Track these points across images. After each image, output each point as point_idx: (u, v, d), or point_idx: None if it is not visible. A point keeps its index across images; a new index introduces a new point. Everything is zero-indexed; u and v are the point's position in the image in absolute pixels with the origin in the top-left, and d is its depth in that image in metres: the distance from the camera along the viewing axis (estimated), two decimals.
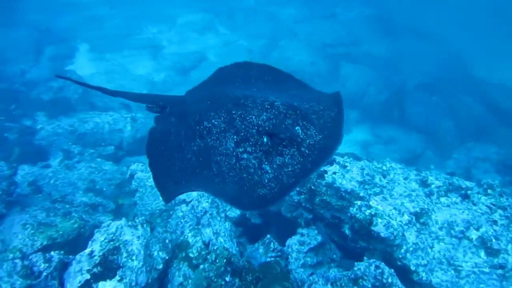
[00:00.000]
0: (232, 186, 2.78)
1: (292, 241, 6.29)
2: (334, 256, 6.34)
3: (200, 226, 6.03)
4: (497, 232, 5.39)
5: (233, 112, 3.14)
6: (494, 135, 12.61)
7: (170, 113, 3.59)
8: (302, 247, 6.19)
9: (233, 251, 5.71)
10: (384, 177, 6.22)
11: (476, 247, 5.33)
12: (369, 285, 4.83)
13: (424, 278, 5.21)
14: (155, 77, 16.77)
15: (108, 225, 5.79)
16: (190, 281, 5.56)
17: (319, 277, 5.17)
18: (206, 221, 6.07)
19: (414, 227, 5.40)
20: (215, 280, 5.33)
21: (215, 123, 3.14)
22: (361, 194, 6.07)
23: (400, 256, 5.25)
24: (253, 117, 3.05)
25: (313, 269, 6.08)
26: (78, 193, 8.80)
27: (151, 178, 8.05)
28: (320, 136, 2.96)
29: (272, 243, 6.45)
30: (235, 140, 2.98)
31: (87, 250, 5.55)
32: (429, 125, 13.16)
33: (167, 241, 5.93)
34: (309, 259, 6.16)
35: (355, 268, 4.95)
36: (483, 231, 5.37)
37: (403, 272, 5.22)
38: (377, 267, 4.82)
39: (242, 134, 2.98)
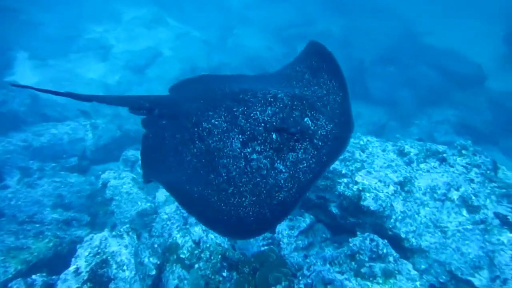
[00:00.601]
0: (249, 198, 2.48)
1: (282, 227, 6.27)
2: (323, 235, 6.42)
3: (188, 226, 5.87)
4: (475, 189, 5.64)
5: (234, 109, 2.93)
6: (450, 98, 13.20)
7: (159, 115, 3.30)
8: (292, 231, 6.20)
9: (225, 246, 5.61)
10: (363, 151, 6.31)
11: (458, 206, 5.56)
12: (366, 259, 4.91)
13: (414, 244, 5.38)
14: (108, 79, 16.06)
15: (91, 239, 5.50)
16: (186, 282, 5.42)
17: (316, 258, 5.19)
18: (194, 219, 5.91)
19: (400, 196, 5.53)
20: (212, 277, 5.23)
21: (216, 123, 2.91)
22: (343, 172, 6.13)
23: (390, 226, 5.37)
24: (258, 113, 2.85)
25: (306, 251, 6.13)
26: (46, 211, 8.29)
27: (127, 184, 7.77)
28: (331, 125, 2.80)
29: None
30: (241, 140, 2.76)
31: (72, 268, 5.27)
32: (390, 96, 13.55)
33: (156, 245, 5.73)
34: (300, 242, 6.18)
35: (351, 244, 5.01)
36: (462, 191, 5.61)
37: (395, 241, 5.35)
38: (372, 240, 4.90)
39: (248, 133, 2.77)
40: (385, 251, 4.86)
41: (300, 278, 5.04)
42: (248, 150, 2.71)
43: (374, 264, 4.80)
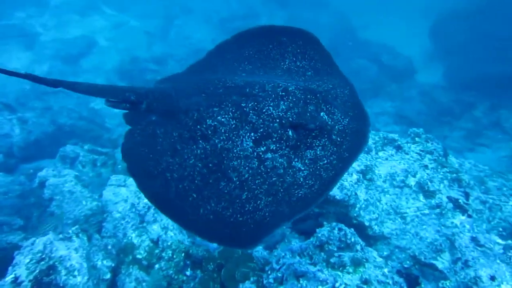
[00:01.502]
0: (265, 200, 2.28)
1: None
2: (284, 226, 6.33)
3: (145, 224, 5.44)
4: (430, 175, 5.87)
5: (243, 105, 2.66)
6: (386, 90, 13.85)
7: (148, 109, 2.93)
8: None
9: (187, 243, 5.28)
10: None
11: (416, 192, 5.75)
12: (335, 248, 4.87)
13: (377, 231, 5.46)
14: (35, 69, 14.66)
15: (32, 244, 4.88)
16: (145, 284, 5.01)
17: (284, 251, 5.06)
18: (152, 217, 5.49)
19: (363, 184, 5.59)
20: (175, 277, 4.89)
21: (222, 120, 2.62)
22: None
23: (355, 214, 5.40)
24: (270, 108, 2.61)
25: (267, 244, 5.99)
26: None
27: (69, 182, 7.09)
28: (347, 119, 2.63)
29: None
30: (253, 138, 2.52)
31: (9, 278, 4.65)
32: None
33: (109, 247, 5.24)
34: None
35: (319, 235, 4.94)
36: (419, 177, 5.81)
37: (359, 229, 5.39)
38: (340, 229, 4.86)
39: (262, 130, 2.53)
40: (353, 240, 4.85)
41: (269, 272, 4.87)
42: (262, 149, 2.49)
43: (343, 254, 4.77)
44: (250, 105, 2.66)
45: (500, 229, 5.60)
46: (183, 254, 4.98)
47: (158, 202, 2.42)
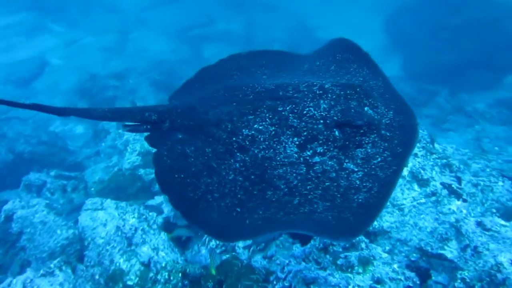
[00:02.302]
0: (322, 204, 2.09)
1: None
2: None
3: (133, 247, 4.99)
4: (421, 163, 5.82)
5: (280, 109, 2.47)
6: None
7: (172, 128, 2.69)
8: None
9: (181, 262, 4.89)
10: None
11: (410, 182, 5.67)
12: (340, 249, 4.67)
13: (376, 226, 5.31)
14: None
15: (9, 285, 4.33)
16: None
17: (287, 258, 4.79)
18: (140, 238, 5.05)
19: None
20: None
21: (260, 128, 2.42)
22: None
23: None
24: (311, 108, 2.44)
25: (264, 252, 5.70)
26: None
27: (40, 213, 6.48)
28: (391, 112, 2.48)
29: (213, 240, 5.80)
30: (297, 143, 2.34)
31: None
32: None
33: (96, 276, 4.75)
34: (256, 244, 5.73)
35: None
36: (411, 166, 5.74)
37: None
38: None
39: (306, 133, 2.36)
40: (357, 238, 4.67)
41: (274, 282, 4.59)
42: (308, 153, 2.32)
43: (349, 254, 4.58)
44: (288, 108, 2.48)
45: (494, 210, 5.62)
46: (180, 274, 4.58)
47: (204, 227, 2.22)
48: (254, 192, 2.23)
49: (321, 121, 2.40)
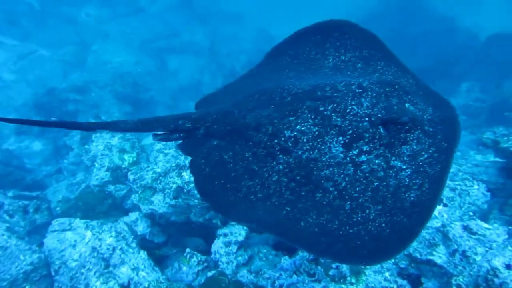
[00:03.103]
0: (374, 208, 2.05)
1: (217, 246, 5.53)
2: (259, 244, 5.88)
3: (111, 268, 4.62)
4: None
5: (322, 108, 2.42)
6: None
7: (207, 134, 2.67)
8: (230, 248, 5.51)
9: (163, 281, 4.58)
10: None
11: None
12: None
13: None
14: None
15: None
16: None
17: (276, 271, 4.61)
18: (118, 259, 4.69)
19: None
20: None
21: (302, 129, 2.37)
22: None
23: None
24: (354, 107, 2.39)
25: (248, 267, 5.49)
26: None
27: (3, 236, 5.90)
28: (430, 108, 2.47)
29: (194, 255, 5.53)
30: (342, 142, 2.29)
31: None
32: None
33: None
34: (240, 258, 5.52)
35: None
36: None
37: None
38: None
39: (351, 132, 2.30)
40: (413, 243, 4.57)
41: None
42: (354, 152, 2.27)
43: (340, 264, 4.46)
44: (329, 107, 2.42)
45: (471, 214, 5.74)
46: None
47: (250, 222, 2.26)
48: (302, 193, 2.20)
49: (366, 119, 2.34)
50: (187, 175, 5.72)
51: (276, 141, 2.40)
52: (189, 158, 2.67)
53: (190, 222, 5.99)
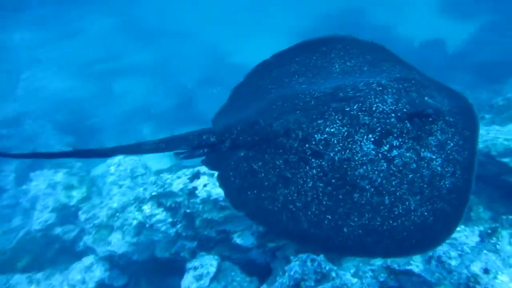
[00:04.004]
0: (413, 199, 2.10)
1: (187, 281, 5.12)
2: (233, 273, 5.55)
3: None
4: None
5: (348, 109, 2.47)
6: None
7: (233, 146, 2.66)
8: (202, 282, 5.12)
9: None
10: None
11: None
12: (313, 283, 4.32)
13: None
14: None
15: None
16: None
17: None
18: None
19: None
20: None
21: (332, 131, 2.40)
22: None
23: None
24: (379, 104, 2.46)
25: None
26: None
27: None
28: (446, 100, 2.54)
29: None
30: (372, 140, 2.34)
31: None
32: None
33: None
34: None
35: (291, 273, 4.33)
36: None
37: None
38: (313, 260, 4.33)
39: (379, 128, 2.37)
40: (327, 268, 4.38)
41: None
42: (385, 148, 2.31)
43: (323, 287, 4.25)
44: (355, 107, 2.47)
45: None
46: None
47: (295, 238, 2.24)
48: (339, 196, 2.21)
49: (393, 115, 2.41)
50: (148, 208, 5.26)
51: (307, 145, 2.41)
52: (148, 191, 2.44)
53: (155, 258, 5.51)
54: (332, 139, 2.38)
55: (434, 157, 2.28)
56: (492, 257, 3.93)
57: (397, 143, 2.32)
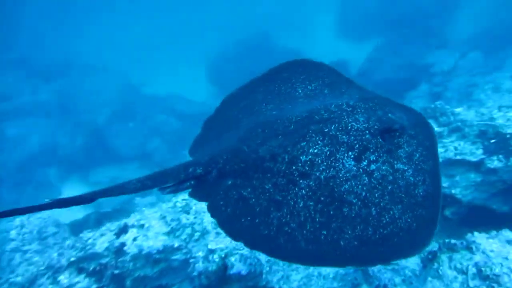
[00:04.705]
0: (396, 208, 2.29)
1: None
2: None
3: None
4: None
5: (326, 130, 2.62)
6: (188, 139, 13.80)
7: (220, 176, 2.67)
8: None
9: None
10: (188, 213, 5.29)
11: None
12: None
13: None
14: None
15: None
16: None
17: None
18: None
19: None
20: None
21: (315, 151, 2.53)
22: (176, 245, 4.94)
23: (264, 283, 4.59)
24: (353, 123, 2.62)
25: None
26: None
27: None
28: (405, 116, 2.74)
29: None
30: (352, 156, 2.49)
31: None
32: (141, 150, 12.86)
33: None
34: None
35: None
36: None
37: None
38: None
39: (357, 145, 2.52)
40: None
41: None
42: (365, 163, 2.46)
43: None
44: (332, 128, 2.62)
45: None
46: None
47: (297, 259, 2.27)
48: (330, 212, 2.31)
49: (367, 132, 2.57)
50: (66, 277, 4.40)
51: (294, 167, 2.49)
52: (65, 256, 2.08)
53: None
54: (317, 159, 2.49)
55: (405, 168, 2.45)
56: (437, 283, 3.94)
57: (374, 158, 2.48)
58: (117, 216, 6.49)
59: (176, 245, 4.95)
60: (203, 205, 5.34)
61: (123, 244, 4.74)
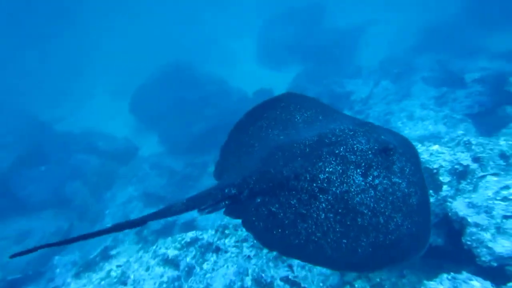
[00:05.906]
0: (398, 216, 2.63)
1: None
2: None
3: None
4: None
5: (337, 151, 3.01)
6: (120, 175, 12.64)
7: (250, 195, 3.00)
8: None
9: None
10: (125, 284, 4.55)
11: None
12: None
13: None
14: None
15: None
16: None
17: None
18: None
19: None
20: None
21: (331, 170, 2.91)
22: None
23: None
24: (358, 145, 3.01)
25: None
26: None
27: None
28: (392, 137, 3.12)
29: None
30: (360, 173, 2.87)
31: None
32: (57, 195, 11.34)
33: None
34: None
35: None
36: None
37: None
38: None
39: (363, 164, 2.91)
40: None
41: None
42: (370, 178, 2.85)
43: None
44: (341, 149, 2.99)
45: None
46: None
47: (325, 263, 2.59)
48: (347, 222, 2.65)
49: (369, 152, 2.97)
50: None
51: (314, 184, 2.87)
52: None
53: None
54: (332, 177, 2.86)
55: (400, 181, 2.83)
56: None
57: (376, 173, 2.86)
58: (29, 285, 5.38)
59: None
60: (142, 272, 4.46)
61: None
